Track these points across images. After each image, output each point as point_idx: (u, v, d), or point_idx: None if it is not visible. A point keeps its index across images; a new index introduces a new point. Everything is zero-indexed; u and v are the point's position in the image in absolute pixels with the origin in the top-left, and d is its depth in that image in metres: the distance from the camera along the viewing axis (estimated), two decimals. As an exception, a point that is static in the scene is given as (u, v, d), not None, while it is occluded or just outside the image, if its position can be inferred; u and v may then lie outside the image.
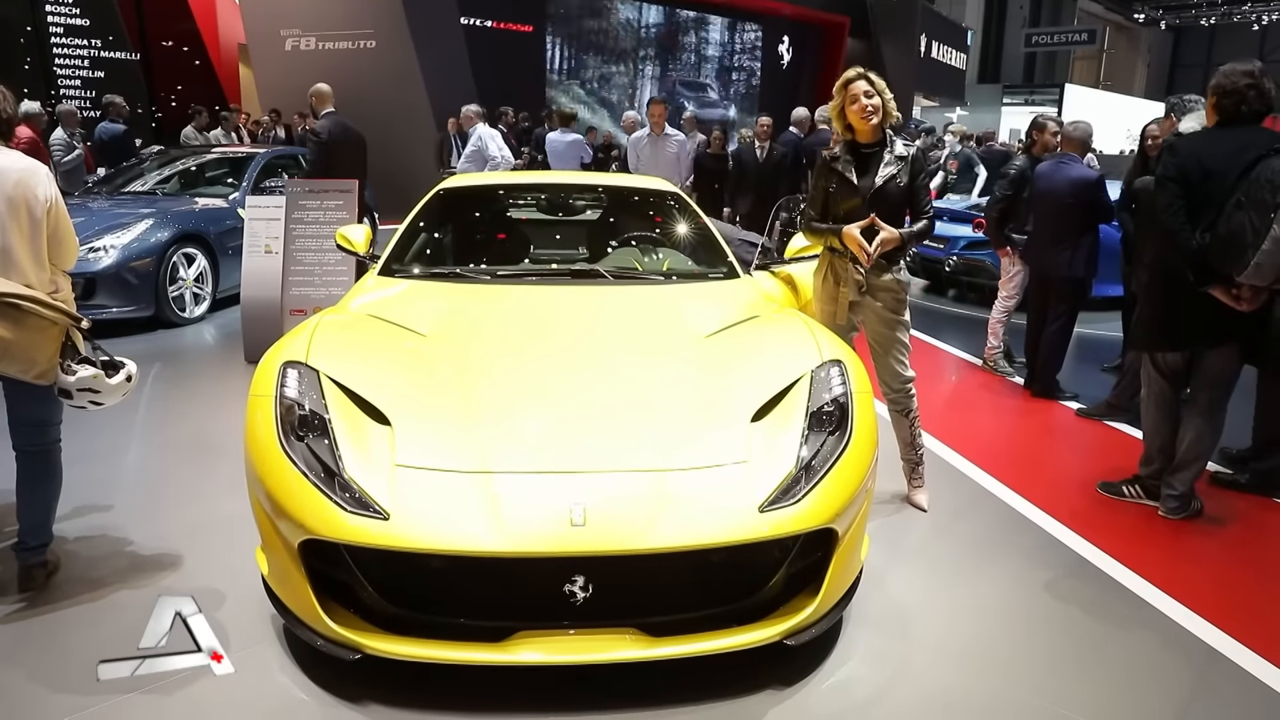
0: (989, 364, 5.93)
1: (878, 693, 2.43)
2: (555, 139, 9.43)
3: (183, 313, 6.69)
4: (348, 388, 2.55)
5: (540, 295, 3.40)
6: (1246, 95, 3.29)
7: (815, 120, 8.88)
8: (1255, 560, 3.40)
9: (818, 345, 2.82)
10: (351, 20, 13.69)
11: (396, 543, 2.17)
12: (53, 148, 8.69)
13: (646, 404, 2.59)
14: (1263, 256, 3.08)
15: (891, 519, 3.54)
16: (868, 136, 3.39)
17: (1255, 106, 3.29)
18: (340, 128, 6.53)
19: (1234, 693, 2.52)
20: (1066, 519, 3.59)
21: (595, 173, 8.62)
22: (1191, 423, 3.59)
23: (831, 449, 2.47)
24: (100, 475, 3.80)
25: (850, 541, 2.47)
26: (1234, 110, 3.32)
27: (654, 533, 2.19)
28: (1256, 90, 3.28)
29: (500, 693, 2.36)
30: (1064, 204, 5.04)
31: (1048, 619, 2.88)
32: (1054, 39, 32.28)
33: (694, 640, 2.27)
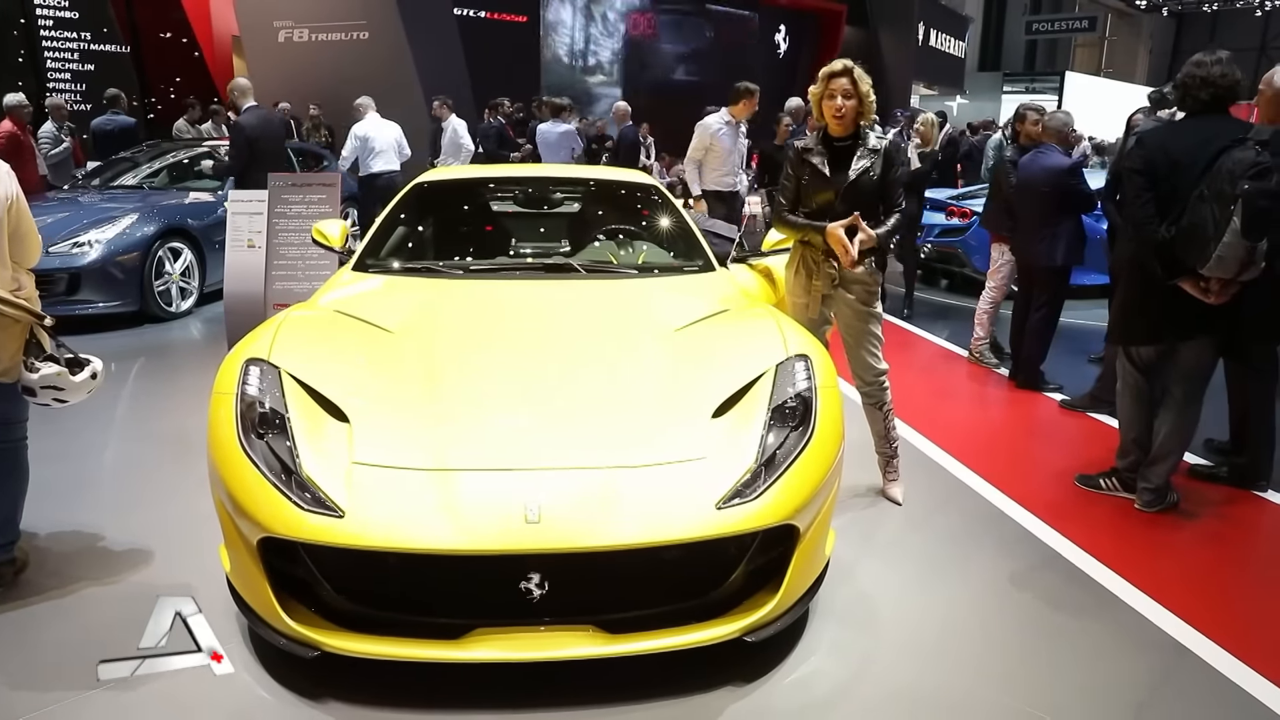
0: (975, 355, 5.92)
1: (840, 689, 2.43)
2: (546, 130, 9.41)
3: (169, 307, 6.69)
4: (309, 385, 2.54)
5: (511, 290, 3.38)
6: (1192, 86, 3.29)
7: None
8: (1229, 554, 3.39)
9: (784, 340, 2.81)
10: (344, 11, 13.62)
11: (352, 541, 2.17)
12: (41, 141, 8.66)
13: (608, 400, 2.58)
14: (1224, 249, 3.07)
15: (865, 513, 3.53)
16: (840, 131, 3.37)
17: (1204, 96, 3.28)
18: (263, 121, 6.69)
19: (1198, 689, 2.51)
20: (1043, 513, 3.58)
21: (574, 166, 8.55)
22: (1167, 416, 3.57)
23: (794, 444, 2.46)
24: (87, 471, 3.81)
25: (813, 537, 2.46)
26: (1197, 101, 3.30)
27: (609, 530, 2.19)
28: (1202, 81, 3.27)
29: (463, 690, 2.35)
30: (1041, 193, 5.04)
31: (1019, 614, 2.87)
32: (1055, 26, 32.08)
33: (652, 637, 2.27)
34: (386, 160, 8.35)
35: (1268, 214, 3.07)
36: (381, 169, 8.33)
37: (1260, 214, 3.05)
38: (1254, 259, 3.13)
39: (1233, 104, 3.31)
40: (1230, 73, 3.29)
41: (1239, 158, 3.08)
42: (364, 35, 13.65)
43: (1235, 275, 3.17)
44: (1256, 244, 3.09)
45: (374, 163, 8.34)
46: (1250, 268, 3.15)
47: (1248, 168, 3.05)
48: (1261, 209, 3.05)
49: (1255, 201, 3.04)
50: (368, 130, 8.34)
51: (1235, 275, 3.17)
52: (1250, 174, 3.05)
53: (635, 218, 4.23)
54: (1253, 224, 3.06)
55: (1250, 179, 3.04)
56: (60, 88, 11.20)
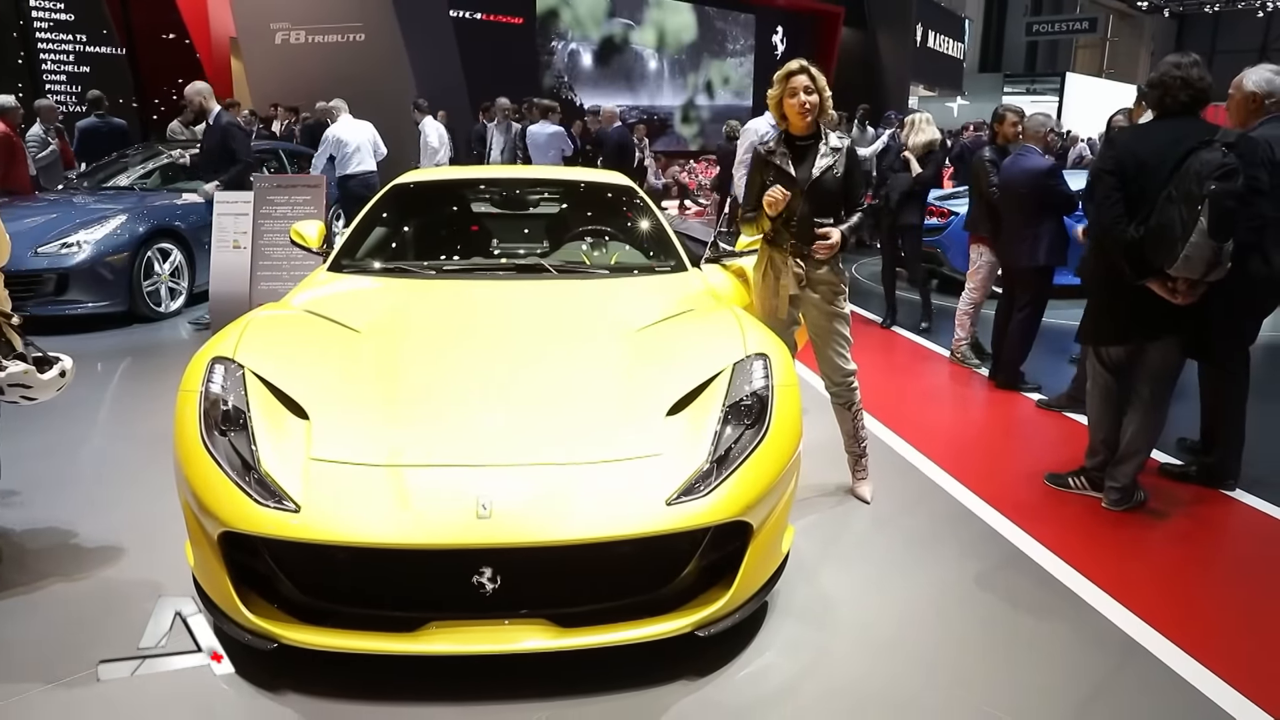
0: (956, 356, 5.94)
1: (791, 684, 2.45)
2: (535, 131, 9.47)
3: (158, 307, 6.73)
4: (271, 383, 2.58)
5: (482, 291, 3.42)
6: (1173, 87, 3.30)
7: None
8: (1195, 553, 3.41)
9: (744, 338, 2.84)
10: (340, 13, 13.70)
11: (307, 534, 2.21)
12: (29, 143, 8.70)
13: (564, 397, 2.62)
14: (1191, 249, 3.10)
15: (832, 511, 3.56)
16: (802, 130, 3.40)
17: (1183, 98, 3.30)
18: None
19: (1156, 689, 2.51)
20: (1011, 512, 3.60)
21: (552, 167, 8.58)
22: (1134, 416, 3.60)
23: (748, 442, 2.49)
24: (76, 469, 3.83)
25: (767, 534, 2.49)
26: (1163, 103, 3.33)
27: (559, 525, 2.22)
28: (1184, 82, 3.29)
29: (421, 683, 2.38)
30: (1021, 194, 5.07)
31: (979, 613, 2.88)
32: (1055, 27, 32.09)
33: (604, 631, 2.30)
34: (361, 160, 8.27)
35: (1233, 214, 3.11)
36: (356, 169, 8.25)
37: (1226, 214, 3.09)
38: (1220, 259, 3.16)
39: (1205, 106, 3.34)
40: (1205, 75, 3.34)
41: (1206, 159, 3.12)
42: (360, 37, 13.73)
43: (1202, 276, 3.19)
44: (1223, 244, 3.12)
45: (350, 163, 8.25)
46: (1216, 268, 3.18)
47: (1214, 169, 3.09)
48: (1228, 209, 3.09)
49: (1222, 202, 3.08)
50: (340, 132, 8.25)
51: (1202, 276, 3.19)
52: (1217, 175, 3.08)
53: (610, 218, 4.26)
54: (1219, 225, 3.10)
55: (1217, 180, 3.08)
56: (55, 89, 11.26)
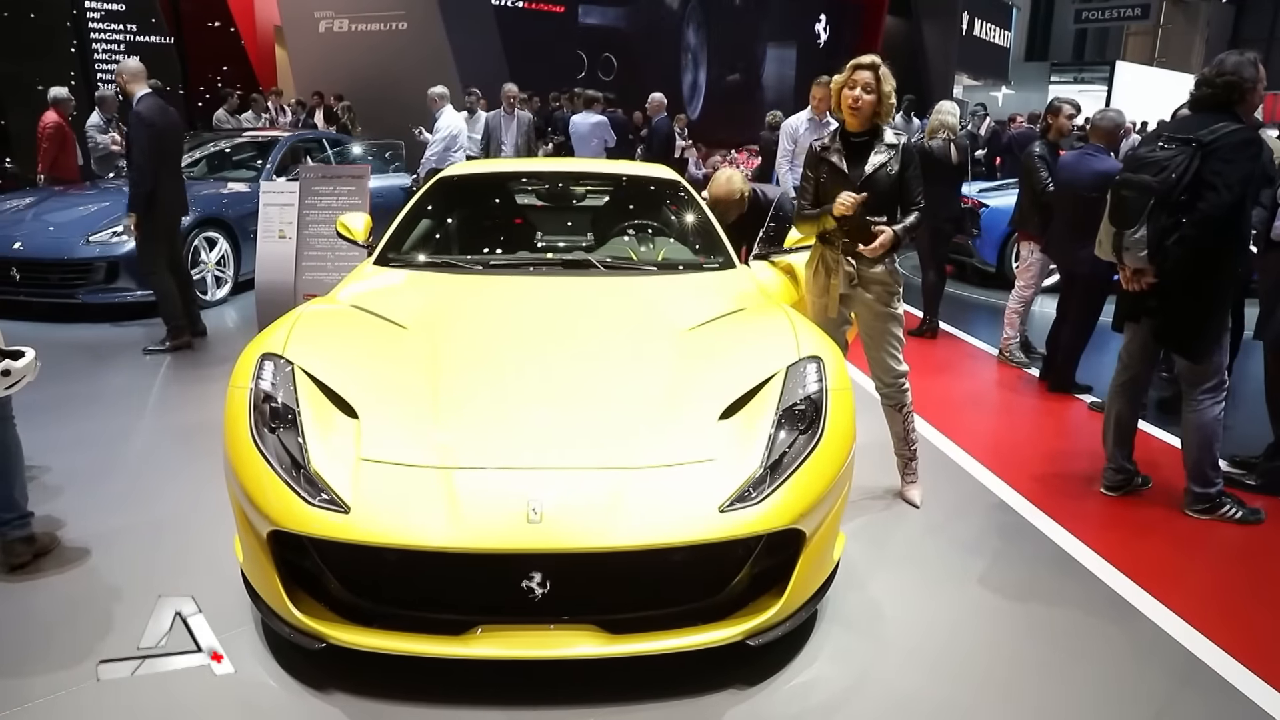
0: (1005, 355, 5.81)
1: (840, 696, 2.41)
2: (579, 121, 9.43)
3: (204, 296, 6.81)
4: (320, 380, 2.58)
5: (528, 286, 3.39)
6: (1202, 80, 3.31)
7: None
8: (1258, 566, 3.29)
9: (797, 340, 2.78)
10: (384, 1, 13.78)
11: (356, 536, 2.20)
12: (89, 130, 8.86)
13: (616, 399, 2.58)
14: (1101, 232, 3.38)
15: (881, 515, 3.49)
16: (857, 126, 3.32)
17: (1207, 91, 3.29)
18: (160, 110, 5.54)
19: (1212, 704, 2.45)
20: (1063, 519, 3.51)
21: (597, 160, 8.52)
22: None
23: (801, 448, 2.44)
24: (99, 463, 3.84)
25: (820, 542, 2.44)
26: (1192, 95, 3.39)
27: (610, 531, 2.19)
28: (1211, 76, 3.27)
29: (466, 686, 2.37)
30: (1087, 198, 4.75)
31: (1031, 625, 2.81)
32: (1105, 14, 31.19)
33: (653, 638, 2.27)
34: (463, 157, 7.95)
35: (1126, 203, 3.25)
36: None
37: (1121, 202, 3.28)
38: (1124, 246, 3.27)
39: (1242, 100, 3.25)
40: (1245, 70, 3.23)
41: (1141, 150, 3.31)
42: (403, 25, 13.80)
43: (1118, 260, 3.35)
44: (1122, 231, 3.25)
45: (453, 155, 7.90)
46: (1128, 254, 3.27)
47: (1137, 162, 3.26)
48: (1121, 198, 3.28)
49: (1119, 190, 3.30)
50: (452, 123, 7.89)
51: (1118, 260, 3.35)
52: (1132, 166, 3.30)
53: (656, 214, 4.21)
54: (1113, 211, 3.32)
55: (1131, 170, 3.28)
56: (107, 79, 11.45)
